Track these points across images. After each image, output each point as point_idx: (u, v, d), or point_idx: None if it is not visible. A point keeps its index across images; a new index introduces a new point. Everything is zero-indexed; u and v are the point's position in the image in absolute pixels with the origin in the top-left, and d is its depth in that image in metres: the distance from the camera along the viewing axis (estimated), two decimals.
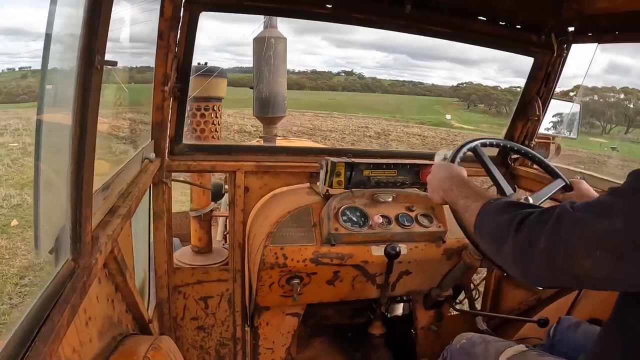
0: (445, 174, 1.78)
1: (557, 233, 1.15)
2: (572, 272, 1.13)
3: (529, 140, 3.05)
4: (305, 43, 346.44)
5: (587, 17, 2.50)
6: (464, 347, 1.99)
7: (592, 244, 1.08)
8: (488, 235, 1.40)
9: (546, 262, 1.16)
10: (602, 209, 1.12)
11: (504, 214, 1.32)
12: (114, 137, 2.37)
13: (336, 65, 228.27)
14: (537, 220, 1.21)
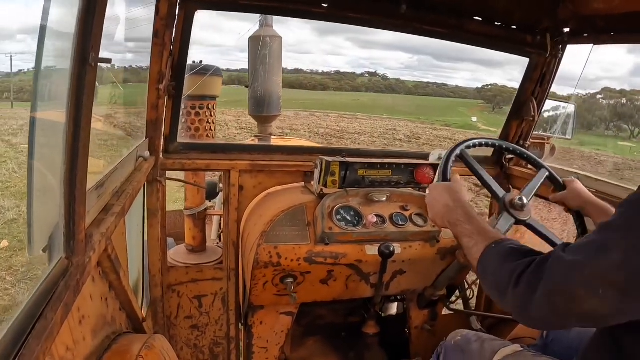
0: (449, 202, 1.72)
1: (553, 281, 1.15)
2: (578, 313, 1.14)
3: (523, 140, 3.06)
4: (329, 44, 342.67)
5: (583, 18, 2.50)
6: (459, 343, 1.99)
7: (593, 283, 1.08)
8: (490, 283, 1.41)
9: (548, 310, 1.17)
10: (597, 247, 1.12)
11: (503, 264, 1.32)
12: (108, 135, 2.36)
13: (360, 66, 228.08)
14: (533, 272, 1.21)
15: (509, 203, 1.93)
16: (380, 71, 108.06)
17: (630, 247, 1.05)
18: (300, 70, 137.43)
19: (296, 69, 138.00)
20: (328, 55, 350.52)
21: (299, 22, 23.24)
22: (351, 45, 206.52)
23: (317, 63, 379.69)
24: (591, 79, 28.50)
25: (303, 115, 38.70)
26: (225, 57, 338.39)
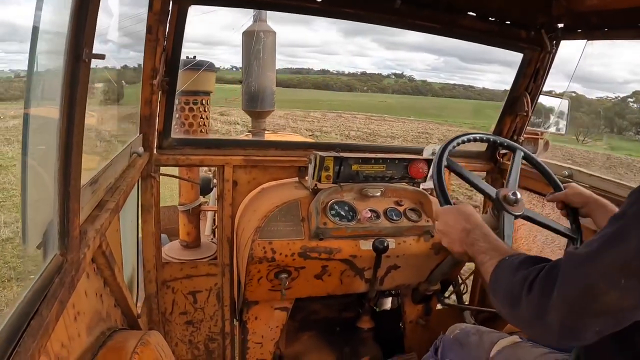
0: (466, 225, 1.66)
1: (569, 278, 1.11)
2: (598, 311, 1.08)
3: (517, 135, 3.08)
4: (355, 44, 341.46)
5: (577, 14, 2.51)
6: (458, 337, 2.01)
7: (613, 274, 1.04)
8: (501, 296, 1.35)
9: (566, 312, 1.11)
10: (612, 237, 1.08)
11: (516, 274, 1.28)
12: (101, 131, 2.35)
13: (386, 67, 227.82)
14: (547, 275, 1.18)
15: (504, 199, 1.93)
16: (406, 73, 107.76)
17: None
18: (327, 71, 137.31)
19: (322, 70, 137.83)
20: (354, 56, 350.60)
21: (325, 23, 23.11)
22: (377, 46, 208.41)
23: (343, 64, 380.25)
24: (620, 81, 27.87)
25: (330, 117, 38.29)
26: None
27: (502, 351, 1.78)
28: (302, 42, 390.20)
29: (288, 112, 38.99)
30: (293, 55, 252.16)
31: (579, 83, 14.61)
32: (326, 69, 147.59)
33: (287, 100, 55.38)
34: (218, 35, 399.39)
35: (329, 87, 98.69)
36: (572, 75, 3.14)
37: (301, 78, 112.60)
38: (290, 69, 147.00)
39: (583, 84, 17.83)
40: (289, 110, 40.53)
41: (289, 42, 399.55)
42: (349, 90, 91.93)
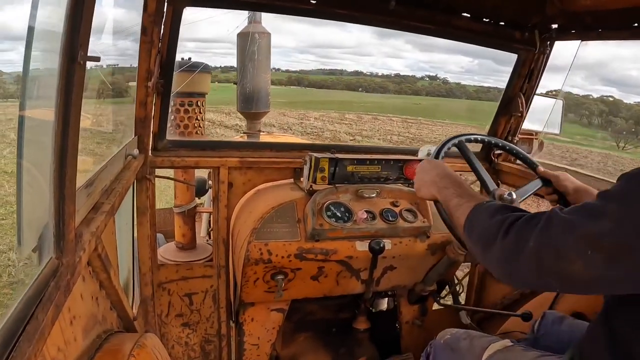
0: (441, 171, 1.76)
1: (546, 235, 1.15)
2: (561, 273, 1.14)
3: (512, 136, 3.08)
4: (389, 46, 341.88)
5: (571, 15, 2.52)
6: (448, 342, 2.00)
7: (582, 245, 1.09)
8: (477, 236, 1.40)
9: (534, 264, 1.17)
10: (592, 212, 1.12)
11: (494, 216, 1.32)
12: (97, 134, 2.34)
13: (420, 69, 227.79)
14: (525, 223, 1.22)
15: (498, 197, 1.94)
16: (440, 75, 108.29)
17: (623, 215, 1.06)
18: (360, 72, 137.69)
19: (356, 71, 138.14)
20: (388, 57, 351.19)
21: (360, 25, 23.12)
22: (411, 48, 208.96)
23: (377, 65, 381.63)
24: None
25: (366, 119, 38.18)
26: (286, 58, 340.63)
27: (494, 356, 1.78)
28: (336, 43, 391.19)
29: (323, 114, 38.72)
30: (326, 56, 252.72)
31: (615, 86, 14.31)
32: (360, 70, 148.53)
33: (321, 102, 54.96)
34: None
35: (363, 88, 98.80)
36: (566, 76, 3.16)
37: (334, 79, 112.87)
38: (323, 70, 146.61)
39: (619, 88, 17.55)
40: (324, 111, 40.22)
41: (323, 43, 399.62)
42: (382, 92, 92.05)
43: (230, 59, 14.66)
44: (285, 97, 67.73)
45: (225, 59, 59.61)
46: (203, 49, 51.76)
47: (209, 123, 25.55)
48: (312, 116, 37.49)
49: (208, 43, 49.05)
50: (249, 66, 5.11)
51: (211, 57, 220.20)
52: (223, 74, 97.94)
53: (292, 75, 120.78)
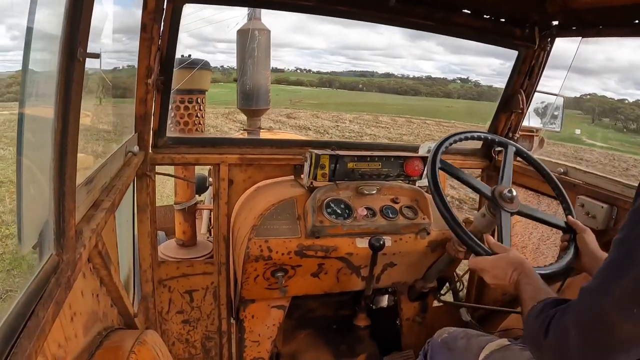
0: (514, 276, 1.63)
1: (583, 313, 1.11)
2: (618, 341, 1.07)
3: (512, 133, 3.08)
4: (420, 48, 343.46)
5: (571, 11, 2.51)
6: (446, 340, 2.00)
7: (624, 305, 1.03)
8: (529, 342, 1.37)
9: (586, 346, 1.11)
10: (617, 267, 1.07)
11: (537, 318, 1.29)
12: (96, 131, 2.34)
13: (451, 71, 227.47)
14: (560, 315, 1.19)
15: (499, 197, 1.94)
16: (472, 77, 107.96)
17: None
18: (391, 74, 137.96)
19: (386, 73, 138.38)
20: (419, 60, 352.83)
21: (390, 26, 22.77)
22: (442, 50, 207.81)
23: (408, 67, 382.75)
24: None
25: (400, 122, 37.75)
26: (317, 59, 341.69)
27: (491, 355, 1.77)
28: (367, 45, 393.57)
29: (356, 116, 38.36)
30: (357, 57, 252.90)
31: None
32: (390, 72, 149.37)
33: (352, 104, 54.54)
34: (280, 36, 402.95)
35: (394, 90, 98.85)
36: (566, 73, 3.15)
37: (366, 81, 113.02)
38: (354, 72, 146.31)
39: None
40: (357, 113, 39.87)
41: (353, 45, 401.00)
42: (414, 94, 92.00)
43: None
44: (316, 98, 67.42)
45: None
46: (234, 50, 52.91)
47: (240, 125, 25.43)
48: (347, 118, 37.07)
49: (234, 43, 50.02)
50: (248, 63, 5.10)
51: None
52: None
53: (323, 77, 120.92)
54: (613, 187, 2.44)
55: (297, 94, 73.87)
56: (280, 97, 70.37)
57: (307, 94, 79.96)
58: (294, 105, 51.59)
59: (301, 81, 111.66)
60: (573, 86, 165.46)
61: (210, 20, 6.12)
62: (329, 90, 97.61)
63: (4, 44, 4.68)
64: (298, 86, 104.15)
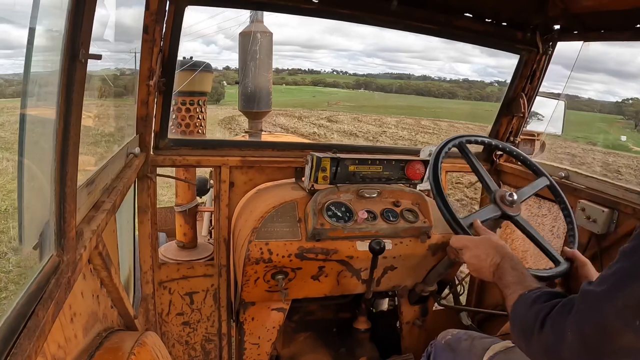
0: (497, 259, 1.66)
1: (584, 316, 1.10)
2: (615, 349, 1.06)
3: (513, 136, 3.09)
4: (457, 50, 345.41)
5: (573, 15, 2.52)
6: (449, 342, 2.00)
7: (627, 315, 1.02)
8: (517, 330, 1.36)
9: (582, 350, 1.10)
10: (626, 274, 1.06)
11: (531, 308, 1.29)
12: (98, 132, 2.35)
13: (488, 74, 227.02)
14: (559, 312, 1.18)
15: (500, 197, 1.95)
16: (509, 80, 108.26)
17: None
18: (428, 77, 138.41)
19: (423, 76, 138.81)
20: (456, 62, 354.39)
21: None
22: (479, 53, 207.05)
23: (444, 70, 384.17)
24: None
25: (443, 126, 37.99)
26: (353, 61, 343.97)
27: (495, 357, 1.77)
28: (403, 47, 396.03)
29: (398, 119, 37.98)
30: (393, 60, 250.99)
31: None
32: (427, 74, 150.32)
33: (390, 106, 54.14)
34: (319, 38, 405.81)
35: (430, 93, 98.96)
36: (568, 77, 3.16)
37: (402, 83, 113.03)
38: (390, 74, 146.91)
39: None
40: (397, 116, 39.45)
41: (390, 47, 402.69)
42: (450, 97, 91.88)
43: (299, 62, 14.25)
44: (353, 100, 67.10)
45: (294, 62, 60.38)
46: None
47: (280, 129, 25.06)
48: (389, 122, 36.66)
49: (276, 45, 50.16)
50: (250, 65, 5.11)
51: (278, 60, 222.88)
52: (290, 76, 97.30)
53: (359, 79, 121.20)
54: (614, 191, 2.44)
55: (334, 96, 73.60)
56: (318, 98, 69.69)
57: (343, 95, 79.64)
58: (332, 107, 51.28)
59: (337, 83, 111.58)
60: (612, 90, 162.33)
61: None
62: (365, 93, 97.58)
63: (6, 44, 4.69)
64: (334, 88, 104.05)
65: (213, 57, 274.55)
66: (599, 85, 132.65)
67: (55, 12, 1.09)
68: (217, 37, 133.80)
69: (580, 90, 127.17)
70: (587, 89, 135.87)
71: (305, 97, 72.41)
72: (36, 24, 1.14)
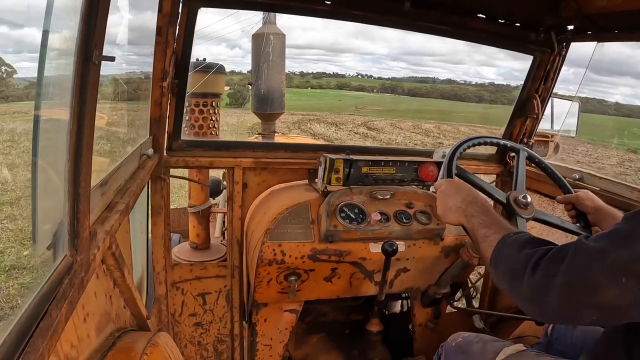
0: (465, 196, 1.68)
1: (575, 267, 1.13)
2: (596, 304, 1.11)
3: (527, 138, 3.06)
4: (482, 54, 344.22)
5: (586, 16, 2.50)
6: (460, 345, 1.98)
7: (615, 272, 1.06)
8: (503, 271, 1.37)
9: (565, 298, 1.14)
10: (621, 237, 1.10)
11: (521, 251, 1.30)
12: (111, 133, 2.36)
13: (513, 78, 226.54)
14: (553, 258, 1.19)
15: (514, 202, 1.93)
16: None
17: None
18: (453, 80, 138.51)
19: (448, 79, 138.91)
20: (481, 66, 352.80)
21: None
22: (504, 56, 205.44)
23: (469, 74, 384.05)
24: None
25: (483, 133, 36.68)
26: (377, 65, 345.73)
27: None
28: (428, 50, 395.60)
29: (435, 125, 37.28)
30: (418, 63, 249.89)
31: None
32: (452, 78, 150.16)
33: (419, 111, 53.64)
34: (343, 42, 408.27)
35: (457, 97, 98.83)
36: (582, 79, 3.13)
37: (429, 87, 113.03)
38: (415, 78, 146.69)
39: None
40: (432, 122, 38.73)
41: (414, 51, 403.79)
42: (477, 101, 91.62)
43: (323, 65, 13.99)
44: (380, 104, 66.66)
45: (318, 65, 61.30)
46: (296, 55, 53.07)
47: (310, 134, 24.73)
48: (427, 129, 35.94)
49: (301, 49, 48.98)
50: (263, 67, 5.12)
51: (303, 64, 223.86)
52: (315, 79, 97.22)
53: (384, 83, 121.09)
54: (629, 193, 2.42)
55: (360, 100, 73.33)
56: (344, 102, 69.37)
57: (370, 99, 79.29)
58: (359, 112, 50.92)
59: (363, 87, 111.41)
60: (637, 93, 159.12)
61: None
62: (391, 96, 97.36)
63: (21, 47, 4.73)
64: (360, 92, 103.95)
65: (238, 60, 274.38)
66: (624, 89, 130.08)
67: (69, 14, 1.10)
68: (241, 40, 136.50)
69: (607, 94, 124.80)
70: (612, 93, 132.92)
71: (331, 100, 72.11)
72: (50, 27, 1.15)
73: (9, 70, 10.25)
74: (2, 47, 5.19)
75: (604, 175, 2.62)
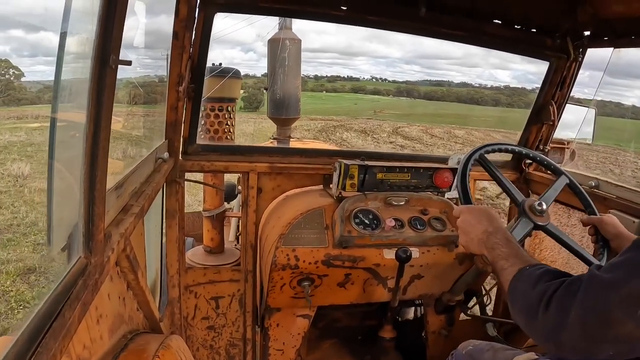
0: (488, 227, 1.64)
1: (588, 301, 1.10)
2: (612, 338, 1.08)
3: (543, 145, 3.04)
4: (497, 57, 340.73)
5: (603, 21, 2.48)
6: (471, 353, 1.97)
7: (630, 305, 1.04)
8: (519, 306, 1.35)
9: (581, 333, 1.12)
10: (633, 266, 1.07)
11: (535, 286, 1.27)
12: (127, 136, 2.38)
13: (528, 81, 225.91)
14: (565, 292, 1.17)
15: (529, 208, 1.91)
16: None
17: None
18: (468, 84, 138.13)
19: (462, 83, 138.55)
20: (495, 69, 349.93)
21: None
22: (519, 60, 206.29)
23: (484, 77, 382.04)
24: None
25: (515, 140, 36.18)
26: (391, 68, 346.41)
27: None
28: (442, 54, 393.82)
29: (467, 131, 36.82)
30: (432, 67, 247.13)
31: None
32: (466, 81, 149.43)
33: (437, 115, 52.89)
34: (357, 46, 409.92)
35: (472, 100, 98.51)
36: (598, 84, 3.10)
37: (445, 90, 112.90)
38: (429, 81, 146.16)
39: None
40: (466, 127, 38.29)
41: (429, 54, 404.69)
42: (494, 105, 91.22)
43: (337, 69, 13.76)
44: (397, 108, 66.28)
45: (332, 69, 60.78)
46: (310, 59, 53.35)
47: (346, 144, 24.36)
48: (460, 135, 35.38)
49: (314, 53, 49.12)
50: (279, 72, 5.14)
51: (317, 67, 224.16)
52: (330, 83, 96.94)
53: (400, 86, 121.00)
54: None
55: (376, 104, 73.10)
56: (360, 105, 69.03)
57: (386, 103, 78.95)
58: (377, 116, 50.65)
59: (378, 90, 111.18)
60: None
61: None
62: (407, 100, 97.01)
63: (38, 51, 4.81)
64: (375, 95, 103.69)
65: (252, 64, 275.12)
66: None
67: (86, 18, 1.11)
68: (255, 44, 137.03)
69: (622, 97, 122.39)
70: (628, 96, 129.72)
71: (347, 104, 71.86)
72: (67, 31, 1.16)
73: (16, 74, 10.37)
74: (18, 50, 5.28)
75: (620, 183, 2.58)
